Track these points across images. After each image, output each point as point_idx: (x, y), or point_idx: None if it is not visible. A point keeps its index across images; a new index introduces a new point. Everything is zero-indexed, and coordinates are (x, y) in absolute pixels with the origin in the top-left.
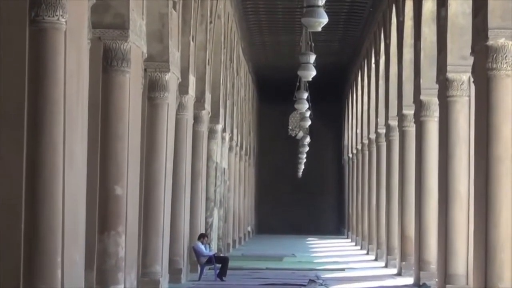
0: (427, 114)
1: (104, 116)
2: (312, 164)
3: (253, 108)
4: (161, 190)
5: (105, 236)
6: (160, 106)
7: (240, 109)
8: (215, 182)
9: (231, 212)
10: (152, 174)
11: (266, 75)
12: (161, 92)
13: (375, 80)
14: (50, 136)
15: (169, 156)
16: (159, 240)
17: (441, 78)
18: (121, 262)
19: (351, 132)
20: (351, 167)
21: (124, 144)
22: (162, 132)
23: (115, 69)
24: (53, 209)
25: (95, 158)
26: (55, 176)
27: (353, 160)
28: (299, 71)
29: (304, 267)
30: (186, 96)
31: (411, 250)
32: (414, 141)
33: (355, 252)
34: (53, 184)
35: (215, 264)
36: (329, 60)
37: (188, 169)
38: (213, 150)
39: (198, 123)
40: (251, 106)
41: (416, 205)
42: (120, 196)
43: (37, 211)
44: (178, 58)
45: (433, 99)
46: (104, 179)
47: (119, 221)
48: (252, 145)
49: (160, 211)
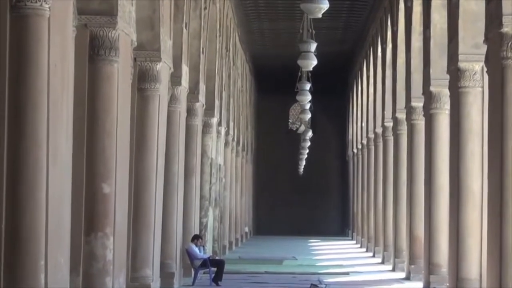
0: (437, 106)
1: (90, 109)
2: (314, 160)
3: (251, 100)
4: (152, 188)
5: (92, 237)
6: (151, 98)
7: (236, 101)
8: (210, 180)
9: (227, 212)
10: (143, 171)
11: (265, 65)
12: (152, 83)
13: (381, 70)
14: (32, 130)
15: (160, 151)
16: (150, 242)
17: (452, 68)
18: (109, 266)
19: (356, 126)
20: (355, 164)
21: (112, 139)
22: (153, 126)
23: (102, 58)
24: (36, 208)
25: (81, 154)
26: (38, 173)
27: (358, 156)
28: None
29: (305, 270)
30: (178, 87)
31: (420, 252)
32: (423, 135)
33: (360, 254)
34: (35, 181)
35: (210, 268)
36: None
37: (181, 165)
38: (207, 145)
39: (192, 116)
40: (248, 98)
41: (426, 204)
42: (108, 195)
43: (19, 210)
44: (170, 46)
45: (443, 90)
46: (90, 177)
47: (106, 222)
48: (250, 140)
49: (151, 211)
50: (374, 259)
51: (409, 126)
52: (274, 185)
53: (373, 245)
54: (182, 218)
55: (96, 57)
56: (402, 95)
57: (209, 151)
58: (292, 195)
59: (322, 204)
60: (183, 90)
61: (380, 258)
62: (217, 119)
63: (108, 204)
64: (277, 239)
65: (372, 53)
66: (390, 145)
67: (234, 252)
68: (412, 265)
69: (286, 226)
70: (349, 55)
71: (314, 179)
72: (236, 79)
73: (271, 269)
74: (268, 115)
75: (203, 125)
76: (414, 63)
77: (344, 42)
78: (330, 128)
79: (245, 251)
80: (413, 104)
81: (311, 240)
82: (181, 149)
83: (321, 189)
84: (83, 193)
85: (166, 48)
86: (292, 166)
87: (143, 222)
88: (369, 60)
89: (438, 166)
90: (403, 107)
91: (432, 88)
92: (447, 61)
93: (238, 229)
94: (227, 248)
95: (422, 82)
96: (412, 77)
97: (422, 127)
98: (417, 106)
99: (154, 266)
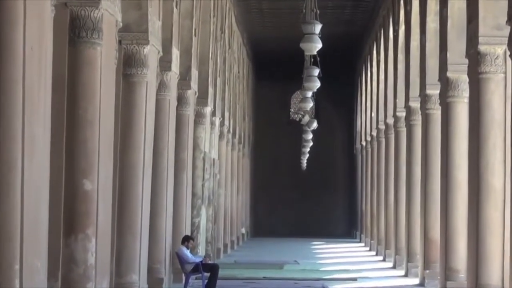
0: (455, 94)
1: (70, 97)
2: (318, 154)
3: (249, 88)
4: (139, 185)
5: (72, 239)
6: (137, 84)
7: (232, 89)
8: (203, 176)
9: (222, 211)
10: (128, 166)
11: (264, 48)
12: (139, 68)
13: (393, 54)
14: (6, 121)
15: (148, 144)
16: (136, 244)
17: (472, 52)
18: (91, 270)
19: (365, 116)
20: (364, 158)
21: (95, 130)
22: (140, 115)
23: (84, 40)
24: (10, 207)
25: (60, 147)
26: (12, 168)
27: (367, 149)
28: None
29: (308, 276)
30: (168, 73)
31: (436, 256)
32: (439, 126)
33: (370, 258)
34: (9, 177)
35: (203, 273)
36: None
37: (171, 160)
38: (200, 138)
39: (183, 105)
40: (246, 85)
41: (442, 203)
42: (89, 192)
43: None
44: (159, 28)
45: (462, 76)
46: (70, 172)
47: (88, 222)
48: (247, 132)
49: (137, 210)
50: (384, 263)
51: (423, 116)
52: (274, 182)
53: (384, 248)
54: (171, 218)
55: (77, 39)
56: (416, 82)
57: (202, 144)
58: (294, 192)
59: (327, 203)
60: (173, 76)
61: (392, 262)
62: (210, 109)
63: (90, 203)
64: (277, 241)
65: (383, 35)
66: (402, 138)
67: (230, 255)
68: (426, 270)
69: (287, 227)
70: (357, 38)
71: (318, 175)
72: (232, 64)
73: (270, 275)
74: (268, 104)
75: (196, 115)
76: (430, 47)
77: (352, 23)
78: (336, 119)
79: (242, 255)
80: (428, 92)
81: (314, 242)
82: (170, 142)
83: (326, 186)
84: (62, 190)
85: (155, 29)
86: (294, 161)
87: (129, 223)
88: (380, 43)
89: (455, 161)
90: (417, 95)
91: (449, 74)
92: (466, 44)
93: (234, 230)
94: (221, 251)
95: (438, 67)
96: (427, 62)
97: (438, 117)
98: (432, 94)
99: (140, 271)
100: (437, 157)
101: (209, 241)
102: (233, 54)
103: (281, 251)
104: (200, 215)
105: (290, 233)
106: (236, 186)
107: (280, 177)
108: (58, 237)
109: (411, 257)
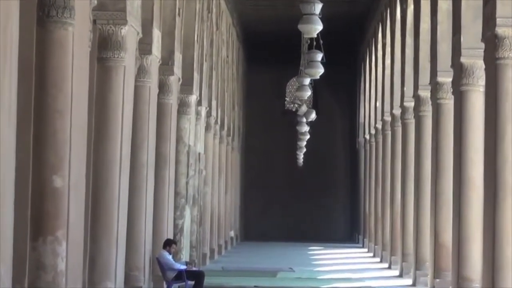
0: (469, 82)
1: (39, 84)
2: (316, 149)
3: (239, 74)
4: (115, 182)
5: (40, 242)
6: (114, 70)
7: (221, 75)
8: (187, 172)
9: (209, 212)
10: (103, 161)
11: (257, 30)
12: (116, 52)
13: (400, 37)
14: None
15: (125, 137)
16: (112, 249)
17: (489, 34)
18: (61, 277)
19: (369, 106)
20: (368, 153)
21: (66, 120)
22: (117, 104)
23: (54, 20)
24: None
25: (27, 139)
26: None
27: (371, 144)
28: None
29: (305, 285)
30: (148, 57)
31: (447, 263)
32: (452, 118)
33: (373, 265)
34: None
35: (187, 281)
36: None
37: (151, 154)
38: (184, 129)
39: (165, 93)
40: (235, 70)
41: (455, 204)
42: (59, 190)
43: None
44: (139, 6)
45: (477, 62)
46: (38, 167)
47: (58, 223)
48: (237, 123)
49: (113, 210)
50: (390, 271)
51: (434, 107)
52: (266, 179)
53: (389, 254)
54: (152, 219)
55: (47, 19)
56: (426, 68)
57: (186, 137)
58: (289, 191)
59: (326, 203)
60: (154, 61)
61: (398, 270)
62: (196, 97)
63: (60, 202)
64: (270, 245)
65: (389, 16)
66: (410, 130)
67: (217, 261)
68: (437, 279)
69: (281, 230)
70: (361, 19)
71: (317, 172)
72: (220, 47)
73: (262, 283)
74: (260, 92)
75: (179, 104)
76: (441, 29)
77: (355, 2)
78: (336, 109)
79: (230, 261)
80: (440, 80)
81: (312, 247)
82: (151, 134)
83: (325, 185)
84: (29, 187)
85: (133, 8)
86: (290, 156)
87: (104, 224)
88: (386, 25)
89: (470, 157)
90: (427, 83)
91: (463, 60)
92: (482, 26)
93: (221, 234)
94: (207, 256)
95: (451, 52)
96: (439, 46)
97: (450, 108)
98: (444, 82)
99: (117, 279)
100: (449, 152)
101: (193, 245)
102: (221, 36)
103: (274, 257)
104: (184, 216)
105: (284, 237)
106: (225, 184)
107: (273, 174)
108: (24, 240)
109: (419, 264)
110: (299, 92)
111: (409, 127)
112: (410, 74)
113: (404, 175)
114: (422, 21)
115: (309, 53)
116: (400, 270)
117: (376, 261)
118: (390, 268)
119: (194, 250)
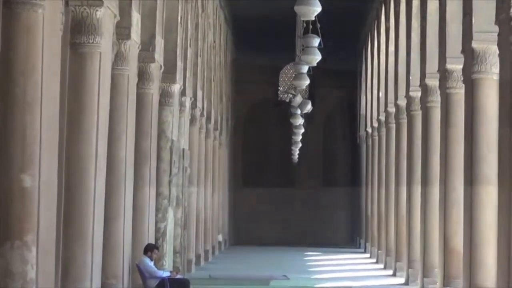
0: (481, 69)
1: (5, 72)
2: (313, 144)
3: (227, 61)
4: (90, 181)
5: (7, 248)
6: (88, 56)
7: (207, 62)
8: (170, 170)
9: (194, 214)
10: (77, 158)
11: (247, 12)
12: (91, 36)
13: (405, 20)
14: None
15: (101, 131)
16: (87, 255)
17: (503, 16)
18: (31, 286)
19: (371, 97)
20: (370, 148)
21: (35, 113)
22: (92, 95)
23: (21, 1)
24: None
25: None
26: None
27: (373, 138)
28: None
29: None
30: (127, 42)
31: (458, 270)
32: (462, 108)
33: (376, 272)
34: None
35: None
36: None
37: (130, 150)
38: (167, 123)
39: (145, 82)
40: (223, 57)
41: (466, 204)
42: (28, 190)
43: None
44: None
45: (490, 47)
46: (5, 166)
47: (27, 227)
48: (225, 115)
49: (88, 213)
50: (394, 278)
51: (443, 97)
52: (258, 178)
53: (394, 260)
54: (131, 222)
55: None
56: (434, 55)
57: (169, 131)
58: (284, 191)
59: (324, 204)
60: (133, 46)
61: (403, 277)
62: (180, 86)
63: (29, 203)
64: (262, 250)
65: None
66: (417, 123)
67: (203, 268)
68: (447, 287)
69: (274, 234)
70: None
71: (314, 170)
72: (206, 31)
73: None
74: (251, 81)
75: (161, 95)
76: (451, 10)
77: None
78: (335, 100)
79: (218, 268)
80: (449, 67)
81: (308, 252)
82: (130, 128)
83: (323, 184)
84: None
85: None
86: (284, 152)
87: (78, 228)
88: (389, 7)
89: (482, 152)
90: (435, 71)
91: (474, 45)
92: (496, 7)
93: (208, 238)
94: (193, 263)
95: (461, 36)
96: (448, 29)
97: (461, 98)
98: (454, 69)
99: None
100: (459, 147)
101: (177, 251)
102: (207, 18)
103: (267, 264)
104: (167, 219)
105: (278, 241)
106: (212, 183)
107: (266, 171)
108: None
109: (427, 271)
110: (296, 81)
111: (415, 119)
112: (416, 60)
113: (410, 173)
114: (429, 2)
115: (305, 37)
116: (406, 278)
117: (379, 267)
118: (395, 275)
119: (178, 256)
